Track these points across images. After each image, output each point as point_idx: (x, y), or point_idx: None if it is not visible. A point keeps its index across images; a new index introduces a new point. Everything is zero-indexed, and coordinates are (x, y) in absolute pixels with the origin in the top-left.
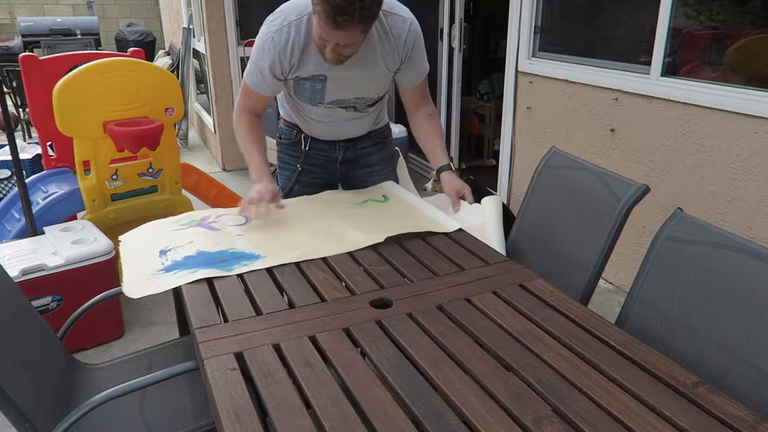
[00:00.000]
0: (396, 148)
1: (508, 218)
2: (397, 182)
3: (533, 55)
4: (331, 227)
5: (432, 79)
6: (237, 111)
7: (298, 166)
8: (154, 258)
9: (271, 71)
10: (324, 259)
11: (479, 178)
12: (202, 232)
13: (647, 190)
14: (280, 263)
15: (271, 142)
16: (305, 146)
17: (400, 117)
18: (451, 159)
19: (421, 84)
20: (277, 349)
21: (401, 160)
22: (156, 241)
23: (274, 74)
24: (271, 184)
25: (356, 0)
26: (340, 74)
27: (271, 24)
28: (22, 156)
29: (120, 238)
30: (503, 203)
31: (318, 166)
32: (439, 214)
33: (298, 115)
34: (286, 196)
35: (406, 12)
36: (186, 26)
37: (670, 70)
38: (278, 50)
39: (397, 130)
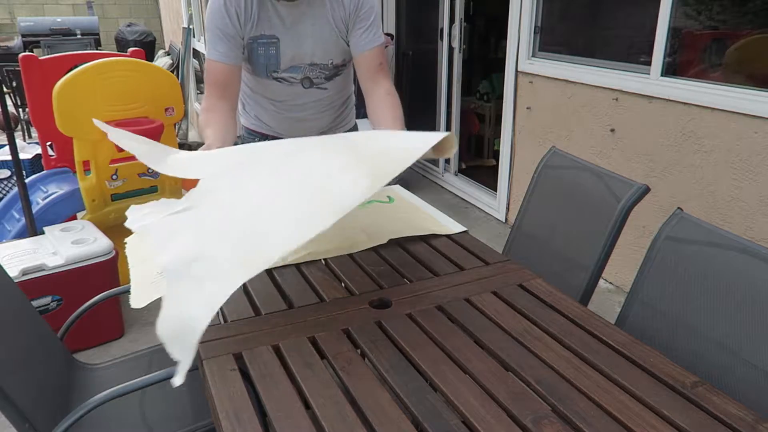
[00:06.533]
0: None
1: None
2: None
3: (533, 55)
4: (335, 228)
5: (432, 79)
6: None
7: None
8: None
9: (224, 26)
10: (323, 260)
11: (479, 178)
12: None
13: (647, 190)
14: (284, 264)
15: None
16: None
17: None
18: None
19: (376, 51)
20: (277, 349)
21: None
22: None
23: (232, 24)
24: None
25: None
26: (292, 33)
27: None
28: (22, 156)
29: (126, 240)
30: None
31: None
32: (443, 216)
33: (262, 109)
34: None
35: None
36: (186, 26)
37: (670, 70)
38: (233, 3)
39: None
